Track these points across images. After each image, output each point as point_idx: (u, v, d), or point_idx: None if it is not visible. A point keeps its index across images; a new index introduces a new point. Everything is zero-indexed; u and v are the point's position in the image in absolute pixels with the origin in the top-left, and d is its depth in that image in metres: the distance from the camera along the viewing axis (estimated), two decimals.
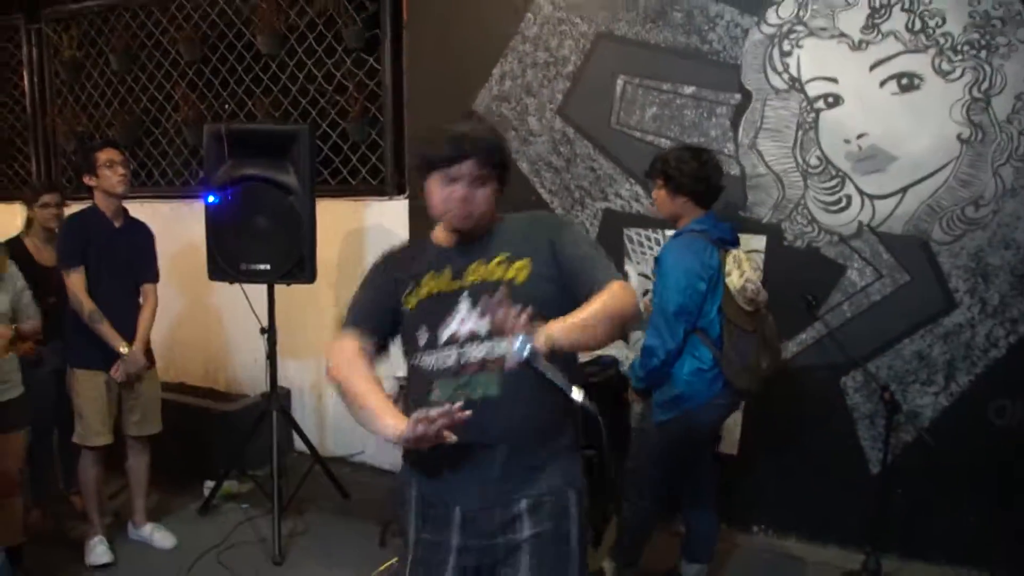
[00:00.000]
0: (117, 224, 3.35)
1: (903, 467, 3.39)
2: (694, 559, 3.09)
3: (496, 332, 1.57)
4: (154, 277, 3.50)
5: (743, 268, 2.80)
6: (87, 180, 3.30)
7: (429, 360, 1.74)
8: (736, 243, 2.94)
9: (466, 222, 1.73)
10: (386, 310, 1.80)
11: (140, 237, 3.48)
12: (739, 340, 2.76)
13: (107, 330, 3.25)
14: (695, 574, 3.09)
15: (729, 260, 2.80)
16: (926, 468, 3.36)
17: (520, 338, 1.48)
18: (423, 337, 1.75)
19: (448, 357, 1.72)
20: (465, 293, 1.73)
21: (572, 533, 1.77)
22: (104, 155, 3.27)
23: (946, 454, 3.26)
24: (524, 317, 1.49)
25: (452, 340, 1.72)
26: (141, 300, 3.46)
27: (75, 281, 3.23)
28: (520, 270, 1.73)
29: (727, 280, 2.76)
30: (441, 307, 1.74)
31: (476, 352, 1.70)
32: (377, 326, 1.79)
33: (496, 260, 1.75)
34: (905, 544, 3.42)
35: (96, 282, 3.27)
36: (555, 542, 1.74)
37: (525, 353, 1.48)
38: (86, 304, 3.22)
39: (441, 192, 1.72)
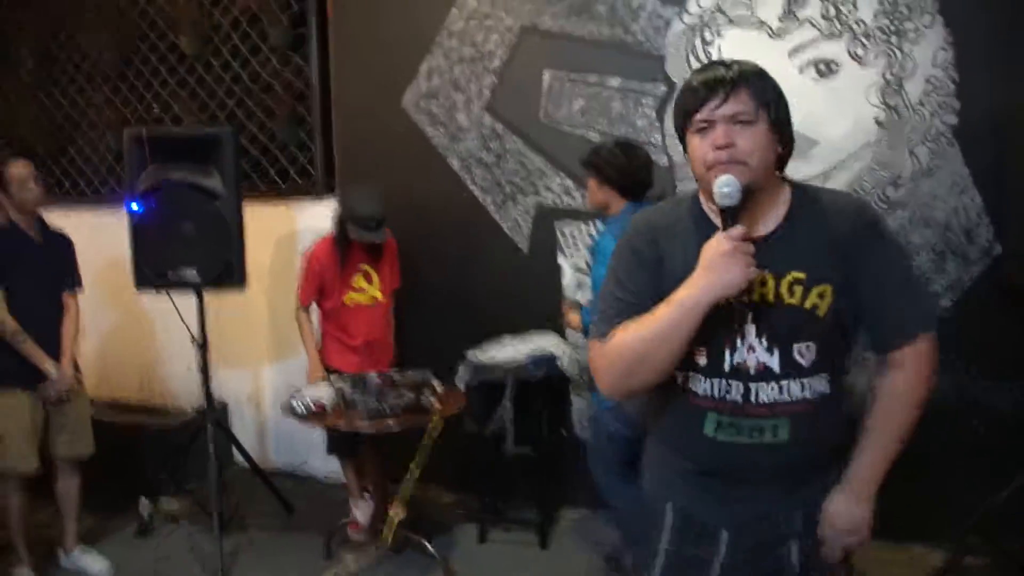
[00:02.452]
0: (36, 238, 3.23)
1: None
2: None
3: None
4: (74, 285, 3.38)
5: None
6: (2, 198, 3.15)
7: (705, 387, 1.50)
8: None
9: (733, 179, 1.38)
10: (650, 303, 1.46)
11: (60, 248, 3.36)
12: None
13: (32, 350, 3.12)
14: None
15: None
16: None
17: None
18: (702, 357, 1.49)
19: (732, 389, 1.47)
20: (750, 314, 1.45)
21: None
22: (15, 171, 3.12)
23: None
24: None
25: (738, 370, 1.47)
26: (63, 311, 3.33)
27: None
28: (821, 299, 1.44)
29: None
30: (724, 322, 1.43)
31: (767, 392, 1.46)
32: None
33: (789, 279, 1.44)
34: None
35: (17, 299, 3.12)
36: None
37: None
38: (9, 324, 3.08)
39: (705, 141, 1.42)
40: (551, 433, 3.57)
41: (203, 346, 3.62)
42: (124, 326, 4.72)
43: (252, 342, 4.41)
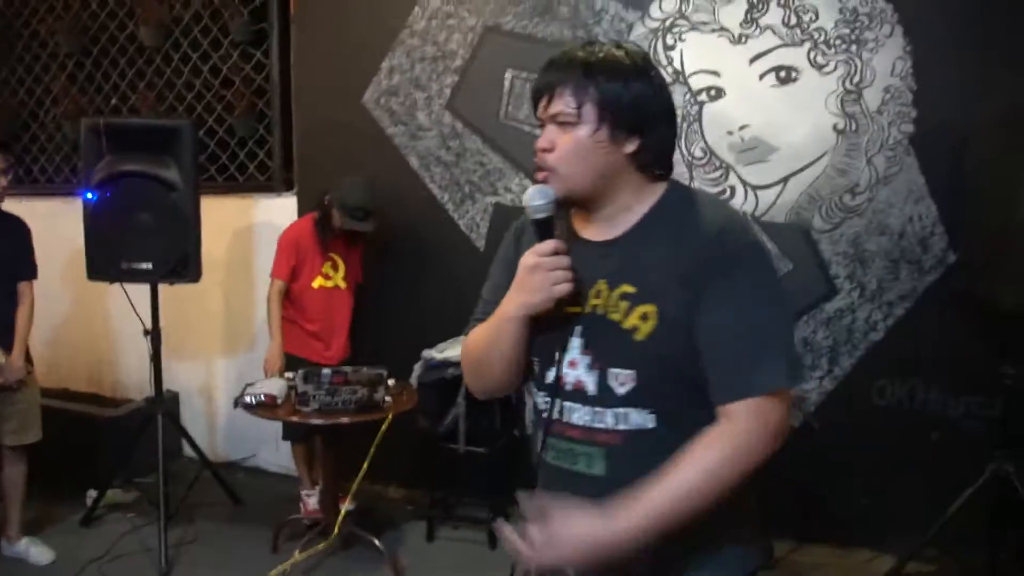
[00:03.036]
0: None
1: (791, 452, 3.43)
2: None
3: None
4: (30, 274, 3.33)
5: None
6: None
7: (537, 399, 1.37)
8: None
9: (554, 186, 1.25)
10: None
11: (14, 233, 3.31)
12: None
13: None
14: None
15: None
16: (814, 452, 3.42)
17: None
18: (537, 366, 1.35)
19: (550, 406, 1.32)
20: (580, 327, 1.28)
21: None
22: None
23: (833, 436, 3.35)
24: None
25: (555, 386, 1.31)
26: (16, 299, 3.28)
27: None
28: (643, 321, 1.22)
29: None
30: (558, 331, 1.29)
31: (579, 415, 1.28)
32: None
33: (619, 291, 1.25)
34: (797, 528, 3.48)
35: None
36: None
37: None
38: None
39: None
40: (503, 432, 3.56)
41: (155, 337, 3.58)
42: (76, 316, 4.68)
43: (205, 334, 4.37)
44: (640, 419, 1.24)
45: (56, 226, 4.09)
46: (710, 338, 1.19)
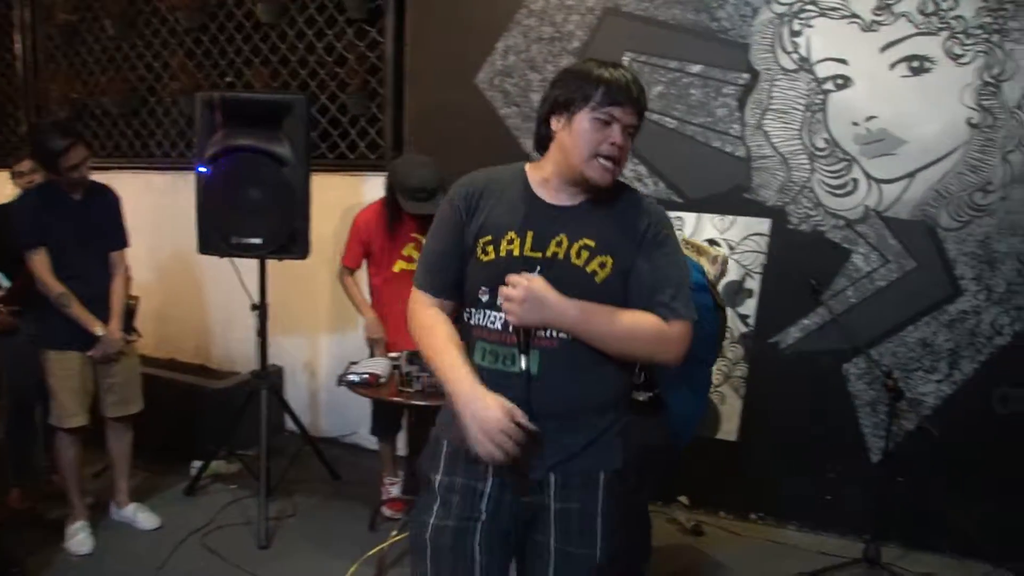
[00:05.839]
0: (77, 197, 3.15)
1: (905, 455, 3.35)
2: None
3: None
4: (121, 243, 3.31)
5: None
6: (50, 174, 3.08)
7: (479, 318, 1.65)
8: None
9: (607, 177, 1.58)
10: (457, 257, 1.68)
11: (103, 204, 3.27)
12: None
13: (79, 312, 3.07)
14: None
15: None
16: (928, 457, 3.32)
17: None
18: (485, 295, 1.64)
19: (497, 319, 1.61)
20: (539, 268, 1.59)
21: (599, 512, 1.65)
22: (73, 158, 3.01)
23: (949, 442, 3.22)
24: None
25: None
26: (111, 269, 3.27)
27: (38, 263, 3.03)
28: (601, 267, 1.60)
29: None
30: (512, 270, 1.59)
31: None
32: (452, 280, 1.70)
33: (579, 244, 1.60)
34: (907, 533, 3.38)
35: (62, 258, 3.08)
36: (580, 519, 1.64)
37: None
38: (52, 287, 3.03)
39: (602, 131, 1.57)
40: None
41: (262, 311, 3.60)
42: (186, 288, 4.75)
43: (311, 310, 4.39)
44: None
45: (169, 199, 4.18)
46: (649, 280, 1.61)
